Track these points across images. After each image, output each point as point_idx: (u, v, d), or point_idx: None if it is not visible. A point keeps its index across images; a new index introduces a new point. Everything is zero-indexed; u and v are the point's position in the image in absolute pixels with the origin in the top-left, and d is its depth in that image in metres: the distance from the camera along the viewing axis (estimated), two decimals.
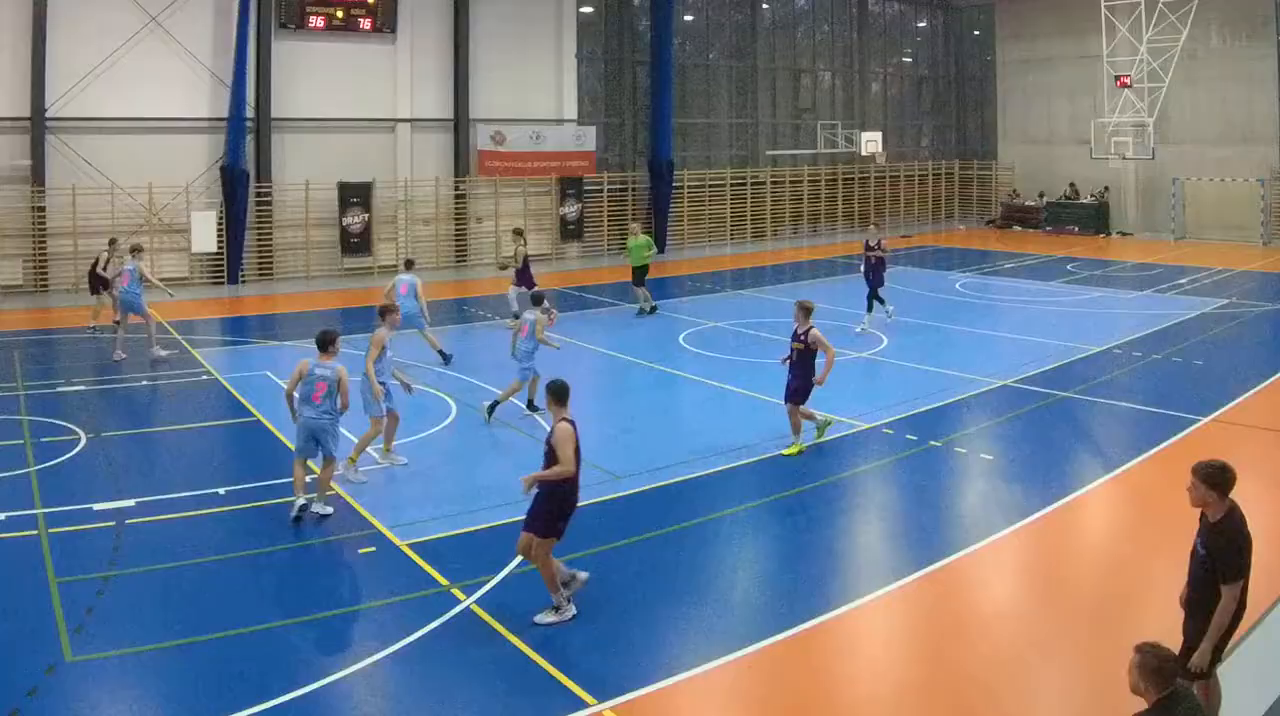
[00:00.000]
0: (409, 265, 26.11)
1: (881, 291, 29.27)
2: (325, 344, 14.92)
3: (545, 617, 11.80)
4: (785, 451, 17.83)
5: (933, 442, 18.60)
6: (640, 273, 32.60)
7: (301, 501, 14.81)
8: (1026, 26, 58.27)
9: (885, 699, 10.57)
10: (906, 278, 39.14)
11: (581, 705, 10.13)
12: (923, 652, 11.54)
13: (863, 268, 29.85)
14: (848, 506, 16.04)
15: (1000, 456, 18.20)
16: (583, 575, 12.32)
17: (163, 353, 25.80)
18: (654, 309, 32.13)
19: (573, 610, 11.92)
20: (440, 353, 25.21)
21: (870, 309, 29.04)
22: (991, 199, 60.91)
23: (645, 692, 10.40)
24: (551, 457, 11.91)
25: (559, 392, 12.25)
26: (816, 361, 18.06)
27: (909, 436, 18.93)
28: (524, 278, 29.68)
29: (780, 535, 14.89)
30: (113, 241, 28.89)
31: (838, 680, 11.03)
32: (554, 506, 11.93)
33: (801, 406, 18.20)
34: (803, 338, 18.08)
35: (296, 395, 15.09)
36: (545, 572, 11.95)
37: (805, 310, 18.27)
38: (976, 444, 18.78)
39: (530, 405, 20.25)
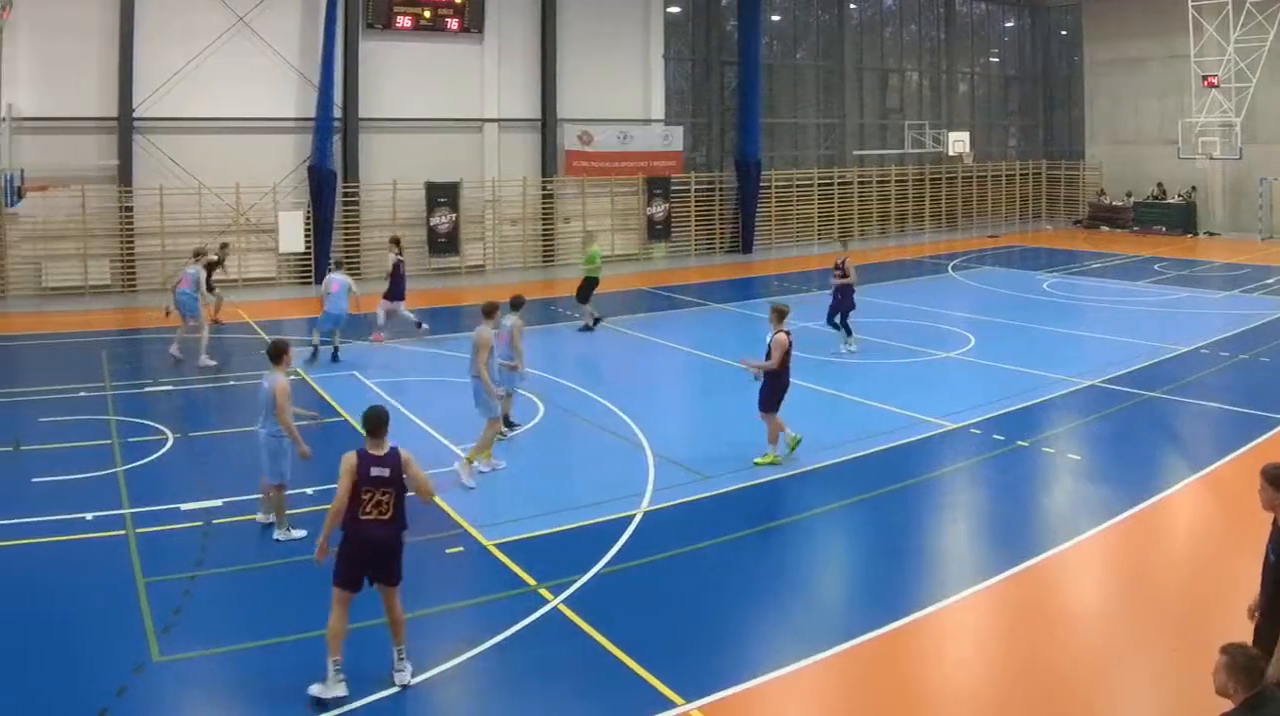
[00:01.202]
0: (338, 265, 25.77)
1: (851, 318, 25.21)
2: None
3: None
4: (757, 460, 16.66)
5: (1020, 443, 17.86)
6: (590, 285, 29.36)
7: (261, 518, 14.14)
8: (1114, 27, 55.06)
9: (973, 698, 10.25)
10: (994, 277, 38.05)
11: (669, 705, 9.77)
12: (1010, 652, 11.15)
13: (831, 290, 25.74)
14: (935, 506, 15.35)
15: (1087, 456, 17.56)
16: None
17: (210, 362, 23.80)
18: (597, 322, 28.86)
19: None
20: (336, 350, 24.65)
21: (849, 331, 25.04)
22: (1078, 199, 57.52)
23: (733, 692, 10.02)
24: None
25: None
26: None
27: (996, 436, 18.18)
28: (395, 290, 26.93)
29: (867, 535, 14.35)
30: (224, 245, 27.82)
31: (925, 680, 10.57)
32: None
33: (772, 415, 16.84)
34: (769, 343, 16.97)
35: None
36: None
37: (778, 313, 17.04)
38: (1063, 444, 18.09)
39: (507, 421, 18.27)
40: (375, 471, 10.15)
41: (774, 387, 16.74)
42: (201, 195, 34.76)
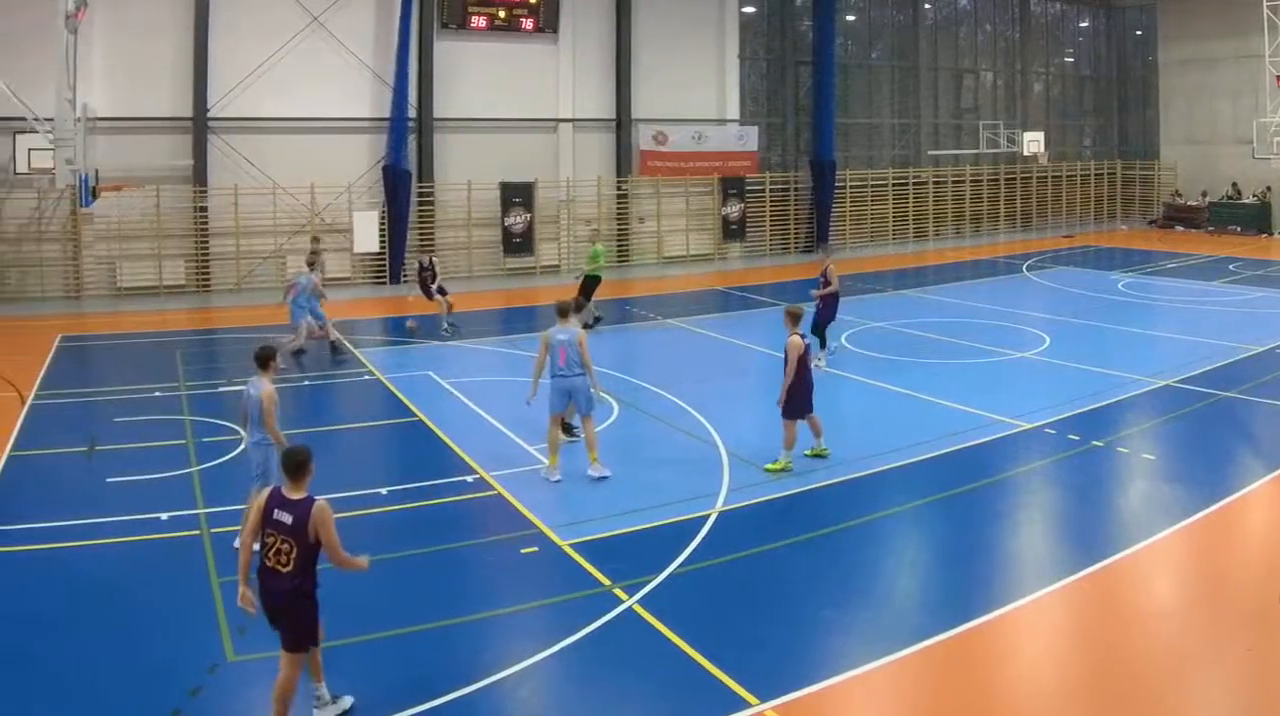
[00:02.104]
0: (311, 266, 24.21)
1: (829, 329, 22.80)
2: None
3: None
4: (768, 467, 15.59)
5: (1095, 443, 17.07)
6: (593, 284, 27.54)
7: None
8: (1188, 27, 52.14)
9: (1048, 698, 9.79)
10: (1068, 278, 36.48)
11: (744, 705, 9.33)
12: (1085, 653, 10.63)
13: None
14: (1009, 506, 14.70)
15: (1162, 456, 16.82)
16: None
17: (281, 366, 22.24)
18: (597, 320, 26.95)
19: None
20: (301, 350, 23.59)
21: (822, 342, 22.49)
22: (1153, 199, 54.60)
23: (808, 692, 9.59)
24: None
25: None
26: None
27: (1071, 436, 17.38)
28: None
29: (942, 535, 13.70)
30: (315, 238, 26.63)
31: (999, 681, 10.14)
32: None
33: (790, 422, 15.72)
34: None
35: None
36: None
37: (791, 317, 16.09)
38: (1138, 444, 17.37)
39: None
40: (278, 514, 8.70)
41: (794, 391, 15.64)
42: (276, 195, 33.25)
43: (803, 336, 15.75)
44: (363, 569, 9.20)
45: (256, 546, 8.92)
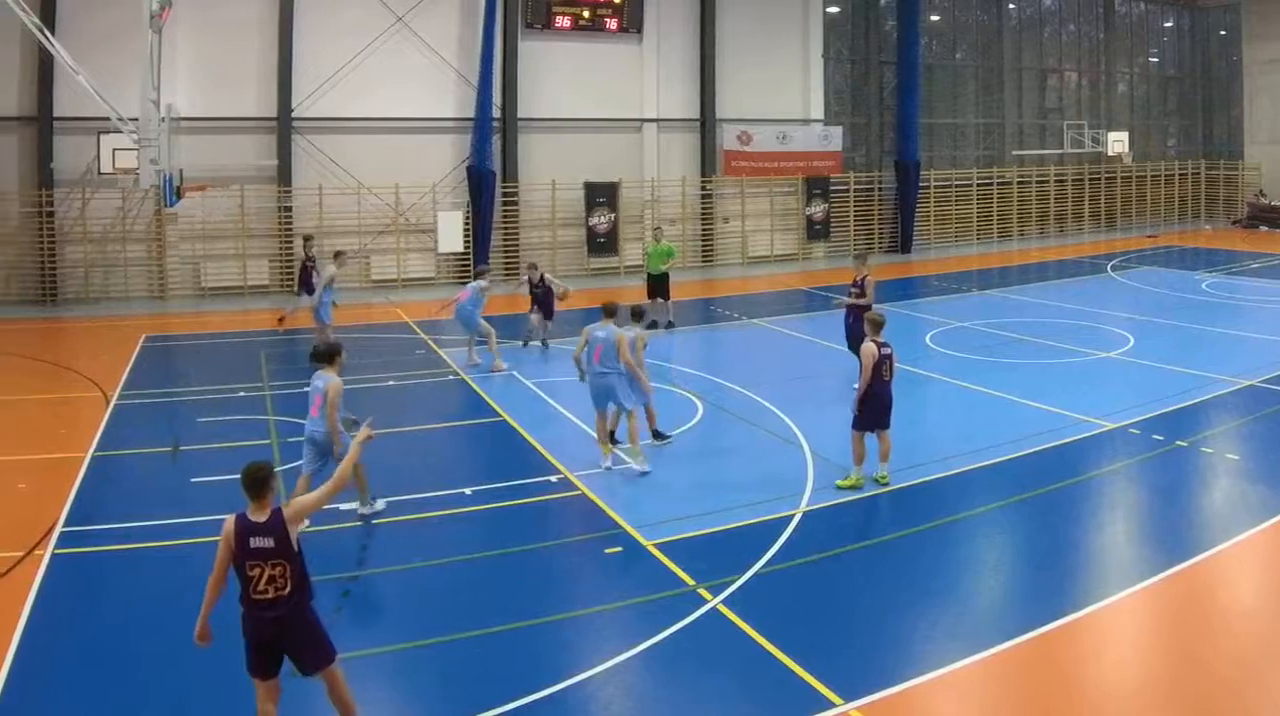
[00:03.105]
0: (337, 256, 22.64)
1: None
2: (329, 357, 11.75)
3: None
4: (840, 483, 14.13)
5: (1179, 443, 16.18)
6: (659, 282, 25.42)
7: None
8: (1273, 26, 48.92)
9: (1130, 698, 9.14)
10: (1152, 277, 34.60)
11: (828, 705, 8.73)
12: (1169, 653, 10.01)
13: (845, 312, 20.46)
14: (1093, 506, 13.83)
15: (1247, 457, 15.77)
16: None
17: (503, 365, 21.22)
18: (654, 325, 24.21)
19: None
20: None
21: None
22: (1237, 199, 51.16)
23: (891, 692, 8.98)
24: None
25: None
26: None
27: (1155, 436, 16.45)
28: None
29: (1025, 535, 12.95)
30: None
31: (1083, 681, 9.36)
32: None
33: (858, 434, 14.16)
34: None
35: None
36: None
37: (872, 324, 14.51)
38: (1222, 444, 16.32)
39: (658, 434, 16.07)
40: (256, 542, 7.64)
41: (865, 402, 14.06)
42: (360, 195, 31.39)
43: (881, 344, 14.08)
44: (370, 438, 8.91)
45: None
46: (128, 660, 9.62)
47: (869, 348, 13.99)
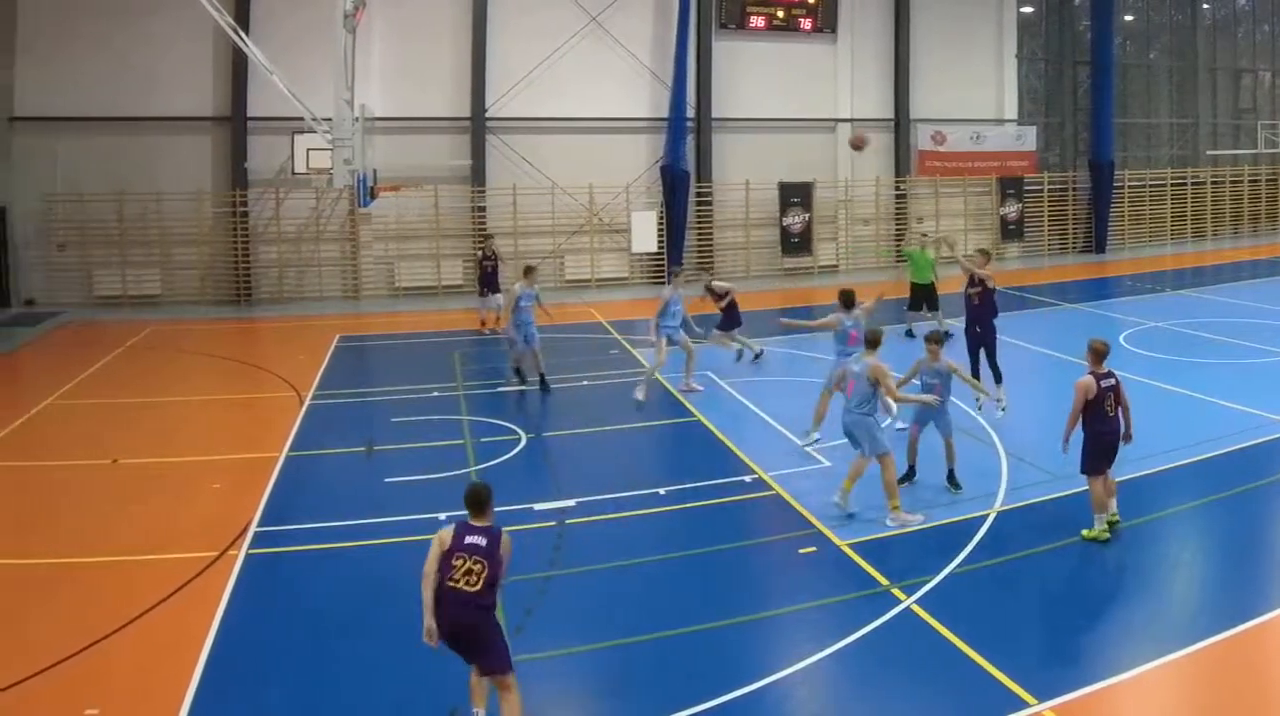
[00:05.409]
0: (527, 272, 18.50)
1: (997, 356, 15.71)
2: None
3: None
4: (1085, 533, 10.74)
5: None
6: (925, 291, 20.97)
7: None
8: None
9: None
10: None
11: (1022, 705, 7.54)
12: None
13: (965, 316, 16.06)
14: None
15: None
16: None
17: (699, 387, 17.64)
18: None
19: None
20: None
21: (997, 376, 15.47)
22: None
23: (1086, 693, 7.72)
24: None
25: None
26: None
27: None
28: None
29: (1220, 535, 11.04)
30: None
31: (1277, 682, 8.16)
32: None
33: (1093, 478, 10.69)
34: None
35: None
36: None
37: (1097, 354, 10.81)
38: None
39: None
40: (470, 539, 7.02)
41: (1087, 443, 10.74)
42: (554, 195, 27.22)
43: (1102, 376, 10.67)
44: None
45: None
46: (321, 659, 8.63)
47: (1083, 381, 10.71)
